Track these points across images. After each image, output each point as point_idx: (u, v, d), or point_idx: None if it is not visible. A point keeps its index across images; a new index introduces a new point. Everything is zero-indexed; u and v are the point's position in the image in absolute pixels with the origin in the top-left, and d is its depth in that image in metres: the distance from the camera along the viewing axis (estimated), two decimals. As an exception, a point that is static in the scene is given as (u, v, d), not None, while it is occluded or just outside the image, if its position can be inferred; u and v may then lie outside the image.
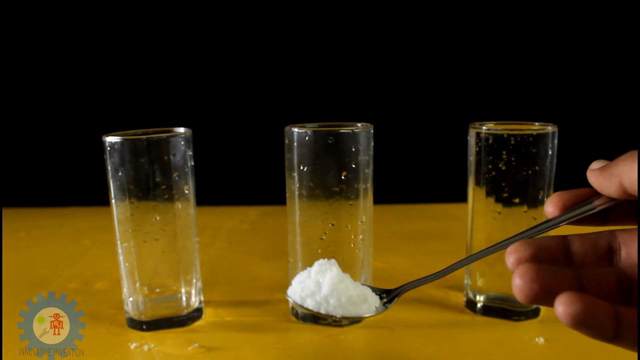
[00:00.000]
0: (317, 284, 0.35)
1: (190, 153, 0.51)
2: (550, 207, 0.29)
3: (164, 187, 0.50)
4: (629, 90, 0.95)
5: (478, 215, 0.53)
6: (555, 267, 0.26)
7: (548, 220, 0.29)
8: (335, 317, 0.35)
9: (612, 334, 0.23)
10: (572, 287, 0.25)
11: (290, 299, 0.36)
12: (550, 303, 0.25)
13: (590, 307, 0.23)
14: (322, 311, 0.35)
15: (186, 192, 0.51)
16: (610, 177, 0.26)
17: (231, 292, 0.61)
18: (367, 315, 0.35)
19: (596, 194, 0.29)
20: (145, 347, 0.48)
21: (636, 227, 0.28)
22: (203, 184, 0.61)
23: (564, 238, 0.29)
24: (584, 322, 0.23)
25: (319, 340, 0.50)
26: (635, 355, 0.46)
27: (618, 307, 0.24)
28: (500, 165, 0.50)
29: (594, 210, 0.28)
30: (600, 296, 0.25)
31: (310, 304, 0.35)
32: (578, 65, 0.97)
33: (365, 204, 0.52)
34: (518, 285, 0.24)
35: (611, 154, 0.28)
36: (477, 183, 0.52)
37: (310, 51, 0.99)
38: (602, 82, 0.97)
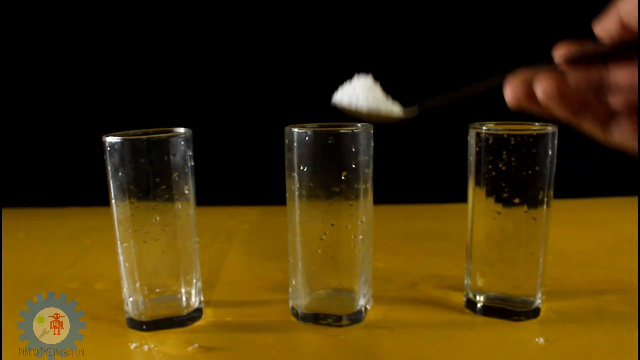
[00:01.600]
0: (353, 87, 0.42)
1: (190, 153, 0.51)
2: (557, 57, 0.32)
3: (164, 187, 0.50)
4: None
5: (478, 215, 0.53)
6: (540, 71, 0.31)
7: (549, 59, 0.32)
8: (364, 111, 0.40)
9: (597, 82, 0.29)
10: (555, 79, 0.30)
11: (335, 103, 0.42)
12: (536, 103, 0.31)
13: (568, 76, 0.30)
14: (353, 106, 0.40)
15: (186, 192, 0.51)
16: (610, 12, 0.30)
17: (231, 292, 0.61)
18: (395, 114, 0.40)
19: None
20: (145, 347, 0.48)
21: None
22: (203, 184, 0.61)
23: (559, 71, 0.32)
24: (560, 89, 0.30)
25: (319, 340, 0.50)
26: (635, 355, 0.46)
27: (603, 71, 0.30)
28: (500, 165, 0.50)
29: (598, 51, 0.31)
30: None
31: (344, 101, 0.41)
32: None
33: (365, 204, 0.51)
34: (507, 90, 0.31)
35: (611, 154, 0.28)
36: (477, 183, 0.52)
37: (310, 51, 0.99)
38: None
